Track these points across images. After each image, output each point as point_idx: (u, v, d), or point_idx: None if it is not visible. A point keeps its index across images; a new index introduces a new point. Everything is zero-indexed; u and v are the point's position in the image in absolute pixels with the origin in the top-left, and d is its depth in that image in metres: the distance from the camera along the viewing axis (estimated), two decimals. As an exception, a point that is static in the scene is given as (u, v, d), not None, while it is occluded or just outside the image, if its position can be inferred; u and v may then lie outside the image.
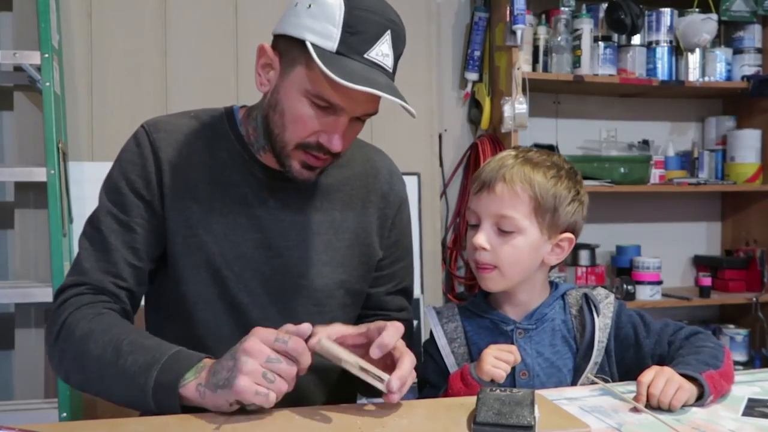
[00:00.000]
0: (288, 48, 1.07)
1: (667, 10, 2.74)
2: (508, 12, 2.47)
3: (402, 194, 1.32)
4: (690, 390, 1.02)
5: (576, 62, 2.61)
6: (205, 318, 1.16)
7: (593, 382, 1.16)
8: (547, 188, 1.14)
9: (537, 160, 1.17)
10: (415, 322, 2.41)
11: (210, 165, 1.17)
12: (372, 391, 1.03)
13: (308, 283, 1.19)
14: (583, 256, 2.77)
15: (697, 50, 2.75)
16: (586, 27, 2.60)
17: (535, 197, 1.14)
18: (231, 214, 1.16)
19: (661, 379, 1.02)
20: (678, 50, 2.77)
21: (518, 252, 1.14)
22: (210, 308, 1.16)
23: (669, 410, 1.01)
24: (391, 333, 1.00)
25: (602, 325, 1.19)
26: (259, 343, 0.92)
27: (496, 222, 1.15)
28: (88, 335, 1.03)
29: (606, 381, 1.16)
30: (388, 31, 1.04)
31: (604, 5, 2.67)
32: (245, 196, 1.17)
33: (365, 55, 1.03)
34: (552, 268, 1.24)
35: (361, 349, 1.03)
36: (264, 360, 0.91)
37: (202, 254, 1.15)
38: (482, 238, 1.14)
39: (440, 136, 2.68)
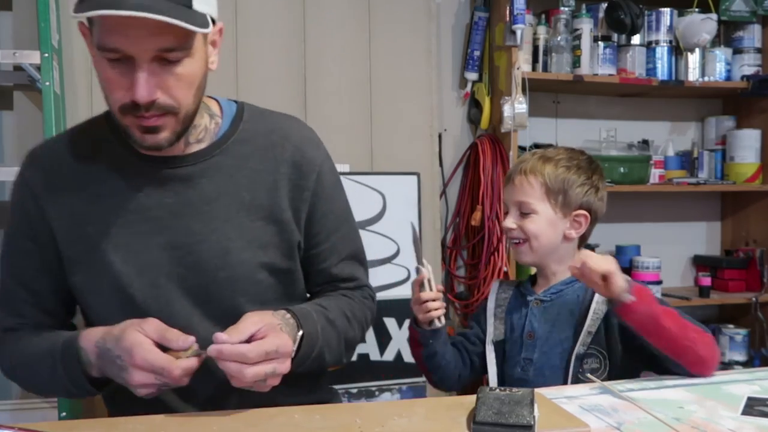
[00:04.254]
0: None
1: (666, 10, 2.74)
2: (507, 12, 2.46)
3: (318, 161, 1.21)
4: (621, 278, 1.16)
5: (576, 62, 2.61)
6: None
7: (591, 380, 1.16)
8: (555, 175, 1.37)
9: (550, 155, 1.41)
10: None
11: (95, 181, 1.12)
12: None
13: (229, 273, 1.12)
14: (583, 255, 2.77)
15: (697, 50, 2.75)
16: (586, 27, 2.60)
17: (545, 183, 1.38)
18: (128, 224, 1.10)
19: (602, 257, 1.19)
20: (678, 50, 2.77)
21: (538, 226, 1.38)
22: None
23: (591, 276, 1.16)
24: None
25: (601, 298, 1.32)
26: (140, 374, 0.96)
27: (518, 207, 1.40)
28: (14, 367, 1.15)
29: (601, 354, 1.30)
30: None
31: (604, 5, 2.67)
32: (138, 200, 1.11)
33: None
34: (581, 244, 1.44)
35: None
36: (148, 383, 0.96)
37: (107, 276, 1.10)
38: (509, 221, 1.41)
39: (440, 136, 2.68)
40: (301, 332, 1.07)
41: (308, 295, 1.29)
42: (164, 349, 0.96)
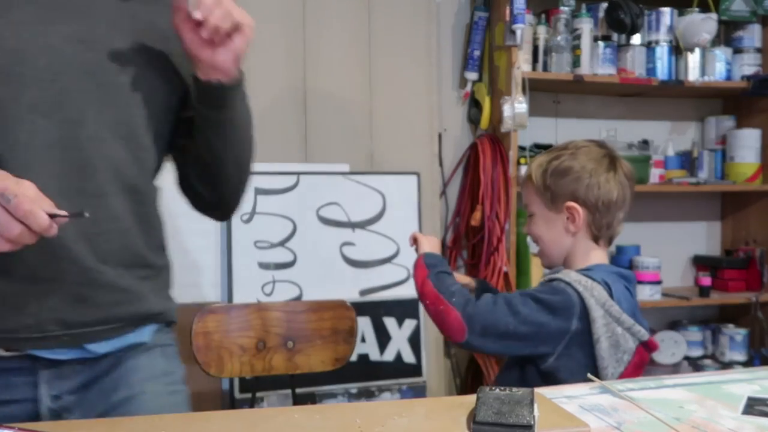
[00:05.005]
0: None
1: (666, 10, 2.74)
2: (507, 11, 2.47)
3: None
4: (424, 246, 1.44)
5: (576, 62, 2.61)
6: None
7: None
8: (539, 173, 1.41)
9: (543, 155, 1.43)
10: (415, 322, 2.42)
11: None
12: None
13: (129, 79, 1.05)
14: (583, 255, 2.77)
15: (697, 50, 2.75)
16: (586, 26, 2.60)
17: (533, 183, 1.42)
18: (31, 4, 0.99)
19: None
20: (678, 50, 2.77)
21: (538, 227, 1.43)
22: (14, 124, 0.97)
23: None
24: None
25: None
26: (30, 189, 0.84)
27: (528, 211, 1.46)
28: None
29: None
30: None
31: (604, 5, 2.67)
32: None
33: None
34: (600, 239, 1.43)
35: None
36: None
37: None
38: (525, 227, 1.48)
39: (440, 136, 2.68)
40: None
41: None
42: None
